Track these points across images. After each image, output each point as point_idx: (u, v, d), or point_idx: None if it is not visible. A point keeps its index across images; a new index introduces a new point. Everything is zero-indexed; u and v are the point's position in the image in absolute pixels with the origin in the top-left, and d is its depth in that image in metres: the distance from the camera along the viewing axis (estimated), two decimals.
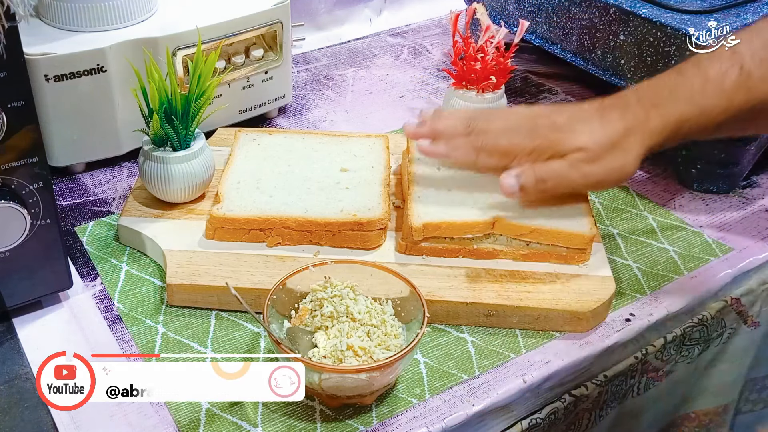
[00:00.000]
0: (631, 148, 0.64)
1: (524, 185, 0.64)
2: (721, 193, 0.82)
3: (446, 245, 0.68)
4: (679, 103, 0.63)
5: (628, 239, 0.75)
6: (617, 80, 0.84)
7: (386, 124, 0.92)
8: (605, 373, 0.66)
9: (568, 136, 0.64)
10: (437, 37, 1.14)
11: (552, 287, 0.66)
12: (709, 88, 0.63)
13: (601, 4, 0.83)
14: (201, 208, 0.73)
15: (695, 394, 0.79)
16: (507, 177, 0.64)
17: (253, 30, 0.83)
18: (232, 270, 0.66)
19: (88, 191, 0.79)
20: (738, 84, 0.62)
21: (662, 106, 0.64)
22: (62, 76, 0.73)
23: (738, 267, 0.73)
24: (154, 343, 0.63)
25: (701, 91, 0.63)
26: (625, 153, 0.64)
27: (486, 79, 0.84)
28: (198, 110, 0.70)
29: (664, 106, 0.64)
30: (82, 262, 0.70)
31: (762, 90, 0.62)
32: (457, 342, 0.64)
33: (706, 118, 0.63)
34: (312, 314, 0.59)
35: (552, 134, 0.65)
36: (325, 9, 1.13)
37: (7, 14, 0.51)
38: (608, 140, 0.63)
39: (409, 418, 0.57)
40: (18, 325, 0.64)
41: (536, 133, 0.65)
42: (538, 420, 0.63)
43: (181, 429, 0.56)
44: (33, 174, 0.58)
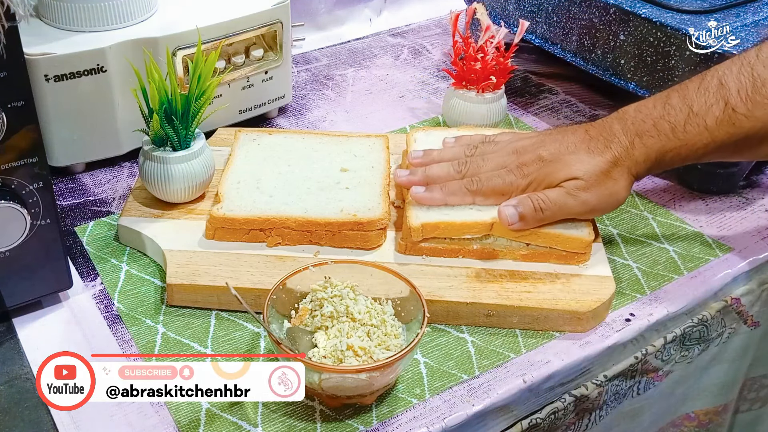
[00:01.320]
0: (619, 176, 0.66)
1: (523, 214, 0.65)
2: (721, 193, 0.82)
3: (446, 245, 0.68)
4: (661, 136, 0.65)
5: (628, 239, 0.75)
6: (617, 80, 0.84)
7: (386, 124, 0.92)
8: (605, 373, 0.66)
9: (559, 167, 0.66)
10: (437, 37, 1.14)
11: (552, 287, 0.66)
12: (692, 124, 0.64)
13: (601, 4, 0.83)
14: (201, 208, 0.73)
15: (695, 394, 0.79)
16: (506, 208, 0.66)
17: (253, 30, 0.83)
18: (232, 270, 0.66)
19: (88, 191, 0.79)
20: (721, 120, 0.63)
21: (645, 136, 0.65)
22: (62, 76, 0.73)
23: (738, 267, 0.72)
24: (154, 343, 0.63)
25: (684, 126, 0.64)
26: (615, 182, 0.66)
27: (486, 79, 0.84)
28: (198, 110, 0.70)
29: (646, 137, 0.65)
30: (82, 262, 0.70)
31: (746, 126, 0.63)
32: (457, 342, 0.64)
33: (688, 151, 0.65)
34: (312, 314, 0.59)
35: (543, 168, 0.67)
36: (325, 9, 1.13)
37: (7, 14, 0.51)
38: (598, 170, 0.65)
39: (409, 418, 0.57)
40: (18, 325, 0.64)
41: (527, 169, 0.67)
42: (538, 420, 0.63)
43: (181, 429, 0.56)
44: (33, 174, 0.58)
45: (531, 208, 0.65)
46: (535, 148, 0.68)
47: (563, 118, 0.94)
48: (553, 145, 0.68)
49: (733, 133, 0.63)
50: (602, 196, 0.66)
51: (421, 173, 0.71)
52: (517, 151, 0.69)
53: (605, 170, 0.65)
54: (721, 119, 0.63)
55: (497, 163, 0.69)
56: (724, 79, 0.64)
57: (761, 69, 0.62)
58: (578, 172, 0.65)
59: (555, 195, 0.66)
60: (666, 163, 0.66)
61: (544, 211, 0.65)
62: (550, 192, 0.66)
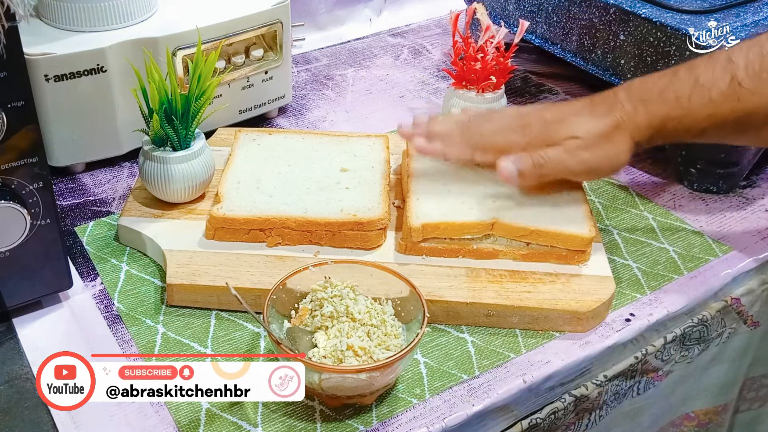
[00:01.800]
0: (620, 140, 0.65)
1: (522, 170, 0.65)
2: (721, 193, 0.82)
3: (446, 245, 0.68)
4: (665, 103, 0.65)
5: (628, 239, 0.75)
6: (617, 80, 0.84)
7: (386, 124, 0.92)
8: (605, 373, 0.66)
9: (560, 126, 0.66)
10: (437, 37, 1.14)
11: (552, 287, 0.66)
12: (696, 94, 0.64)
13: (601, 4, 0.83)
14: (201, 208, 0.73)
15: (695, 394, 0.79)
16: (505, 162, 0.66)
17: (253, 30, 0.83)
18: (232, 270, 0.66)
19: (88, 191, 0.79)
20: (726, 94, 0.63)
21: (649, 103, 0.65)
22: (62, 76, 0.73)
23: (738, 267, 0.73)
24: (154, 343, 0.63)
25: (689, 95, 0.64)
26: (615, 145, 0.65)
27: (486, 79, 0.84)
28: (198, 110, 0.70)
29: (651, 104, 0.65)
30: (82, 262, 0.70)
31: (751, 102, 0.62)
32: (457, 342, 0.64)
33: (690, 121, 0.64)
34: (312, 314, 0.59)
35: (544, 127, 0.67)
36: (325, 9, 1.13)
37: (7, 14, 0.51)
38: (599, 131, 0.65)
39: (409, 418, 0.57)
40: (18, 325, 0.64)
41: (529, 129, 0.67)
42: (538, 420, 0.63)
43: (181, 429, 0.56)
44: (33, 174, 0.58)
45: (530, 164, 0.65)
46: (539, 111, 0.69)
47: None
48: (556, 108, 0.68)
49: (738, 108, 0.63)
50: (601, 157, 0.66)
51: (425, 127, 0.71)
52: (521, 115, 0.69)
53: (606, 132, 0.65)
54: (727, 93, 0.63)
55: (500, 123, 0.69)
56: (733, 56, 0.63)
57: None
58: (578, 132, 0.65)
59: (554, 152, 0.66)
60: (668, 133, 0.66)
61: (542, 167, 0.65)
62: (548, 149, 0.66)
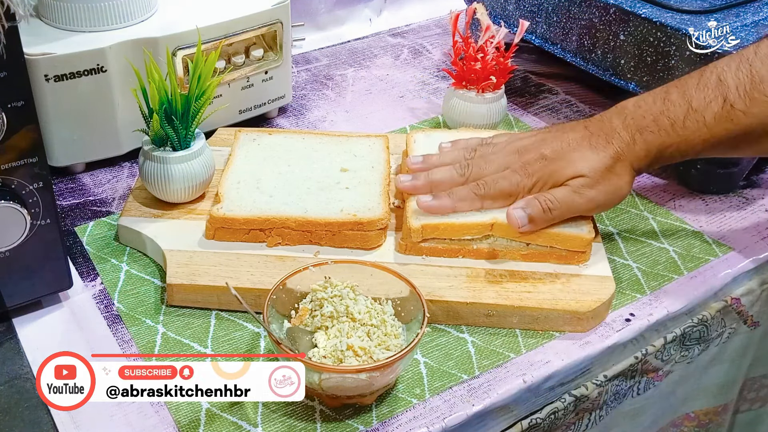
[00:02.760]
0: (623, 172, 0.66)
1: (532, 216, 0.66)
2: (721, 193, 0.82)
3: (446, 245, 0.68)
4: (661, 132, 0.65)
5: (628, 239, 0.75)
6: (617, 80, 0.84)
7: (386, 124, 0.92)
8: (605, 373, 0.66)
9: (564, 165, 0.67)
10: (437, 37, 1.14)
11: (552, 287, 0.66)
12: (691, 119, 0.64)
13: (601, 4, 0.83)
14: (201, 208, 0.73)
15: (695, 394, 0.79)
16: (515, 211, 0.66)
17: (253, 30, 0.83)
18: (232, 270, 0.66)
19: (88, 191, 0.79)
20: (720, 116, 0.63)
21: (646, 132, 0.66)
22: (62, 76, 0.73)
23: (738, 267, 0.72)
24: (154, 343, 0.63)
25: (683, 120, 0.64)
26: (619, 177, 0.66)
27: (486, 79, 0.84)
28: (198, 110, 0.70)
29: (648, 133, 0.66)
30: (82, 262, 0.70)
31: (744, 122, 0.63)
32: (457, 342, 0.64)
33: (687, 146, 0.65)
34: (312, 314, 0.59)
35: (547, 166, 0.67)
36: (325, 9, 1.13)
37: (7, 14, 0.51)
38: (603, 166, 0.66)
39: (409, 418, 0.57)
40: (18, 325, 0.64)
41: (531, 168, 0.67)
42: (538, 420, 0.63)
43: (181, 429, 0.56)
44: (33, 174, 0.58)
45: (539, 209, 0.65)
46: (537, 146, 0.68)
47: (563, 118, 0.94)
48: (554, 142, 0.68)
49: (731, 129, 0.63)
50: (608, 192, 0.66)
51: (424, 178, 0.70)
52: (519, 151, 0.69)
53: (609, 166, 0.66)
54: (720, 115, 0.63)
55: (500, 163, 0.69)
56: (722, 75, 0.64)
57: (759, 66, 0.62)
58: (584, 170, 0.66)
59: (562, 194, 0.66)
60: (665, 158, 0.67)
61: (552, 211, 0.66)
62: (556, 191, 0.66)
